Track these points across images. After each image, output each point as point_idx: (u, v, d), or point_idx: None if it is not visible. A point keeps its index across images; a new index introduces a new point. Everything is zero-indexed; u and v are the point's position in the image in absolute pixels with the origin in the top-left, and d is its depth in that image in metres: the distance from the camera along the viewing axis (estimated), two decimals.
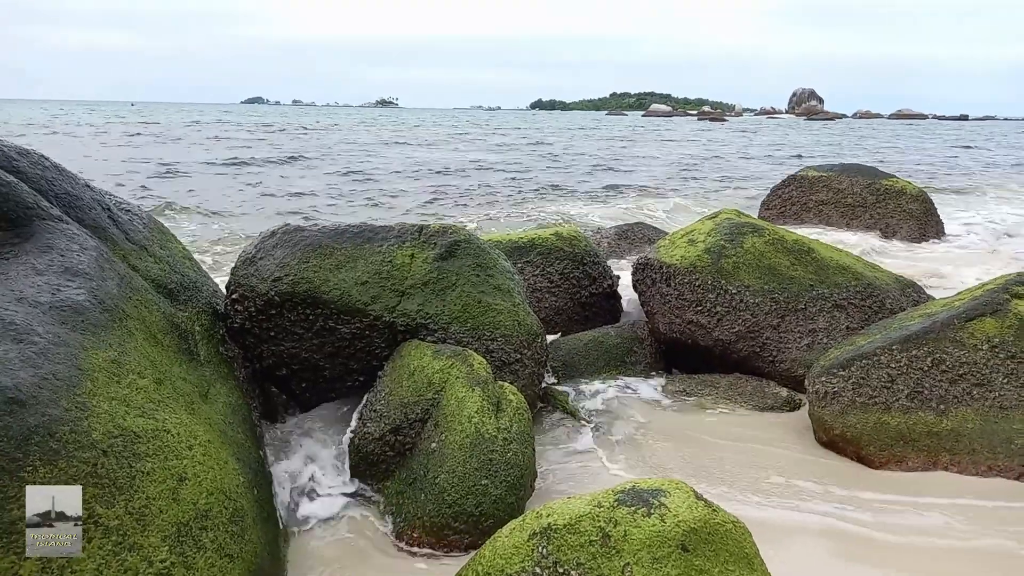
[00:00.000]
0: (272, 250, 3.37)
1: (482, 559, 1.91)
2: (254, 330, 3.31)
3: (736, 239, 4.40)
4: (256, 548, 2.24)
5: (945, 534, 2.76)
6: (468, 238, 3.56)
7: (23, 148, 2.94)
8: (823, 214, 9.61)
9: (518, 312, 3.48)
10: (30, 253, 2.52)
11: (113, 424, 2.02)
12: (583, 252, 4.94)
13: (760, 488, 3.11)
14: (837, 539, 2.74)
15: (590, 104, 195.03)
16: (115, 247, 2.97)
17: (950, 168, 22.01)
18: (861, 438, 3.35)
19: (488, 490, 2.71)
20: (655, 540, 1.74)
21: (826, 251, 4.59)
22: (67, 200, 2.92)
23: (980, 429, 3.20)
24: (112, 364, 2.24)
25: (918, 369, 3.35)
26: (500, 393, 3.03)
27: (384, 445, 3.01)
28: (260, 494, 2.54)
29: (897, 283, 4.58)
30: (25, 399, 1.86)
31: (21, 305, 2.20)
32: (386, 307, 3.27)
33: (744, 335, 4.22)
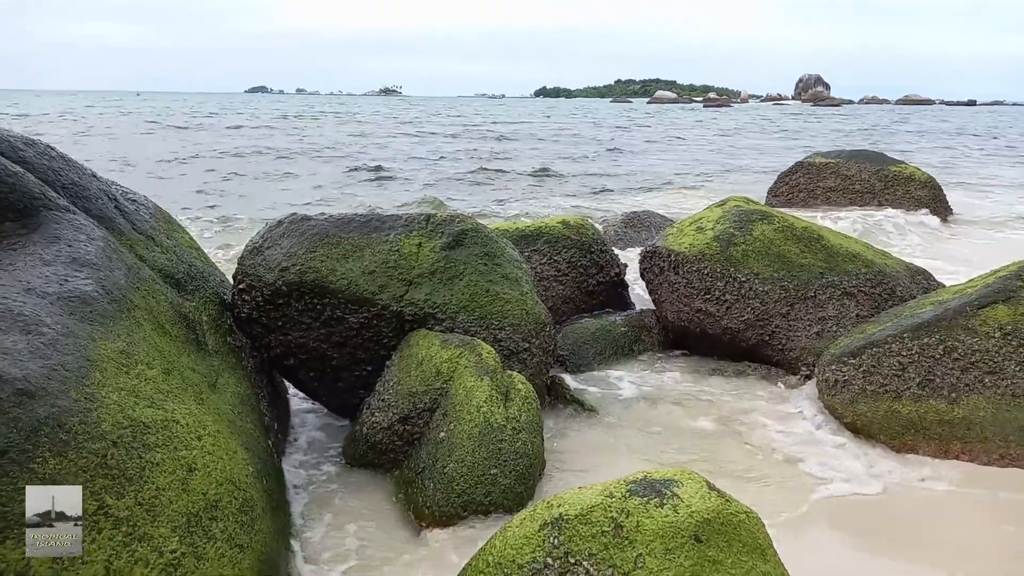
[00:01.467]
0: (279, 240, 3.36)
1: (493, 549, 1.90)
2: (261, 320, 3.30)
3: (745, 226, 4.36)
4: (265, 538, 2.24)
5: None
6: (476, 227, 3.54)
7: (29, 138, 2.93)
8: (831, 200, 9.54)
9: (526, 301, 3.47)
10: (37, 244, 2.51)
11: (122, 415, 2.01)
12: (590, 240, 4.92)
13: (772, 475, 3.10)
14: (849, 526, 2.73)
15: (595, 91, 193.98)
16: (122, 237, 2.96)
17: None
18: (872, 426, 3.33)
19: (497, 479, 2.71)
20: (668, 531, 1.73)
21: (836, 238, 4.55)
22: (74, 190, 2.91)
23: (992, 417, 3.18)
24: (121, 355, 2.23)
25: (929, 357, 3.33)
26: (509, 382, 3.02)
27: (393, 435, 3.01)
28: (269, 484, 2.54)
29: (907, 270, 4.54)
30: (34, 390, 1.85)
31: (29, 296, 2.20)
32: (394, 296, 3.26)
33: (753, 323, 4.20)
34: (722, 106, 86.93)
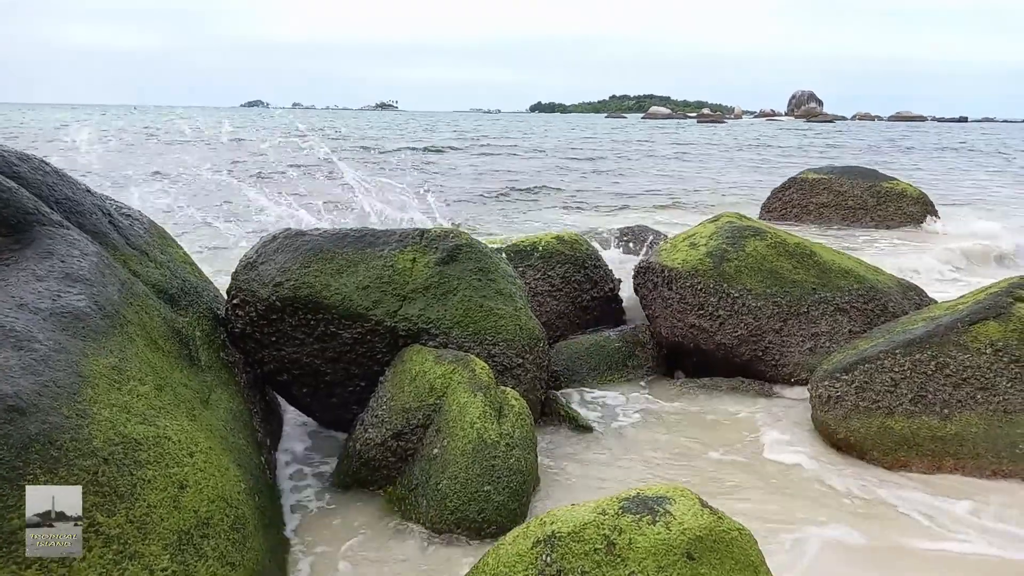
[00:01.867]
0: (273, 255, 3.36)
1: (485, 567, 1.90)
2: (255, 335, 3.30)
3: (738, 242, 4.39)
4: (258, 556, 2.23)
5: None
6: (470, 242, 3.55)
7: (24, 154, 2.93)
8: (824, 216, 9.60)
9: (520, 316, 3.47)
10: (30, 259, 2.50)
11: (114, 431, 2.01)
12: (584, 255, 4.93)
13: (765, 491, 3.09)
14: (844, 543, 2.72)
15: (589, 107, 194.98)
16: (116, 252, 2.96)
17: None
18: (865, 442, 3.33)
19: (491, 496, 2.70)
20: (660, 548, 1.73)
21: (828, 254, 4.58)
22: (67, 205, 2.91)
23: (984, 433, 3.19)
24: (113, 371, 2.23)
25: (922, 373, 3.34)
26: (502, 398, 3.01)
27: (386, 451, 3.00)
28: (262, 501, 2.53)
29: (899, 286, 4.57)
30: (25, 407, 1.84)
31: (22, 312, 2.19)
32: (387, 312, 3.26)
33: (746, 339, 4.21)
34: (716, 122, 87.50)
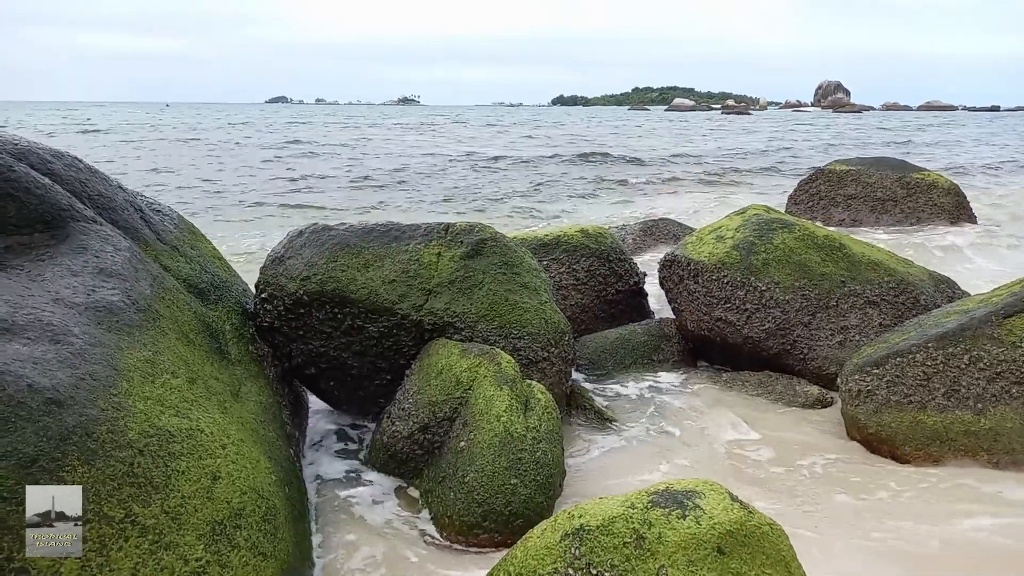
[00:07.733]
0: (300, 249, 3.39)
1: (514, 559, 1.90)
2: (283, 329, 3.33)
3: (765, 235, 4.34)
4: (288, 546, 2.26)
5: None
6: (494, 236, 3.55)
7: (57, 151, 2.98)
8: (852, 208, 9.45)
9: (545, 310, 3.47)
10: (65, 255, 2.55)
11: (148, 424, 2.04)
12: (609, 249, 4.91)
13: (793, 487, 3.07)
14: (875, 539, 2.69)
15: (612, 99, 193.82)
16: (147, 247, 3.01)
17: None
18: (896, 437, 3.29)
19: (517, 489, 2.71)
20: (690, 542, 1.72)
21: (857, 247, 4.51)
22: (100, 201, 2.96)
23: (1020, 428, 3.13)
24: (147, 364, 2.26)
25: (955, 367, 3.28)
26: (528, 392, 3.02)
27: (413, 443, 3.02)
28: (291, 492, 2.56)
29: (931, 279, 4.49)
30: (63, 399, 1.88)
31: (58, 306, 2.24)
32: (413, 306, 3.28)
33: (774, 332, 4.17)
34: (741, 113, 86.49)
